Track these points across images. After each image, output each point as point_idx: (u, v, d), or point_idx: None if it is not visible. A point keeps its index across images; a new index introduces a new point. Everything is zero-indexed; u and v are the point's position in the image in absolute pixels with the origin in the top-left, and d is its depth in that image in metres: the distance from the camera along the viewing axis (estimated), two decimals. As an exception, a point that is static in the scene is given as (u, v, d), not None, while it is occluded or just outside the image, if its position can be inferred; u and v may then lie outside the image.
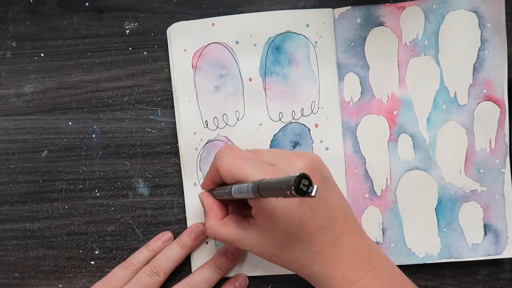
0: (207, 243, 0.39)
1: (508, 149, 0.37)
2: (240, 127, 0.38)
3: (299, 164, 0.30)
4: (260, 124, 0.38)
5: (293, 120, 0.38)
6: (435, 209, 0.38)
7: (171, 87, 0.38)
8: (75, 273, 0.39)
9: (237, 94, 0.38)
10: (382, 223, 0.39)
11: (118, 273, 0.37)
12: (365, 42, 0.38)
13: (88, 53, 0.38)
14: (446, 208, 0.38)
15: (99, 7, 0.37)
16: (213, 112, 0.38)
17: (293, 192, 0.22)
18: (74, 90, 0.38)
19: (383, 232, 0.39)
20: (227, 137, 0.38)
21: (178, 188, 0.39)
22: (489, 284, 0.39)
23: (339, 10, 0.38)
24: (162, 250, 0.37)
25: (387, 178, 0.39)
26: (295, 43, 0.38)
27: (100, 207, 0.39)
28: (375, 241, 0.39)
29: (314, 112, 0.38)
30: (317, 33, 0.38)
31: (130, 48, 0.38)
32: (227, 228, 0.33)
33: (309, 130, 0.38)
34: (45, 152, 0.38)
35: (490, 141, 0.38)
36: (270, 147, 0.38)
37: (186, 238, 0.37)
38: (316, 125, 0.38)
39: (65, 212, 0.39)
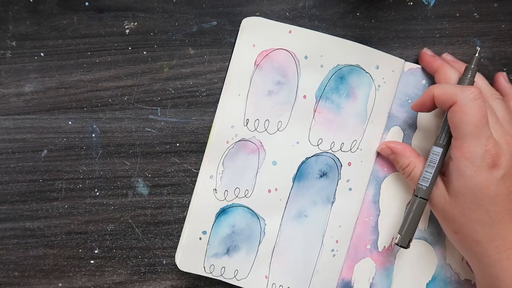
0: (200, 239, 0.38)
1: None
2: (277, 137, 0.38)
3: None
4: (297, 142, 0.38)
5: (330, 151, 0.38)
6: (427, 284, 0.39)
7: (170, 87, 0.38)
8: (75, 272, 0.39)
9: (287, 105, 0.37)
10: (373, 278, 0.39)
11: None
12: None
13: (88, 52, 0.38)
14: (437, 287, 0.38)
15: (99, 6, 0.37)
16: (257, 114, 0.37)
17: None
18: (74, 90, 0.38)
19: (370, 287, 0.39)
20: (261, 142, 0.38)
21: (177, 188, 0.39)
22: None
23: (409, 65, 0.38)
24: None
25: (393, 238, 0.39)
26: (360, 79, 0.37)
27: (100, 207, 0.39)
28: None
29: (352, 150, 0.38)
30: (383, 78, 0.38)
31: (129, 48, 0.38)
32: (421, 169, 0.34)
33: (341, 166, 0.38)
34: (45, 151, 0.38)
35: None
36: (298, 168, 0.38)
37: None
38: (349, 164, 0.38)
39: (64, 212, 0.39)
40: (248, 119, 0.37)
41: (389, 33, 0.39)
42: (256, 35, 0.36)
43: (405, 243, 0.35)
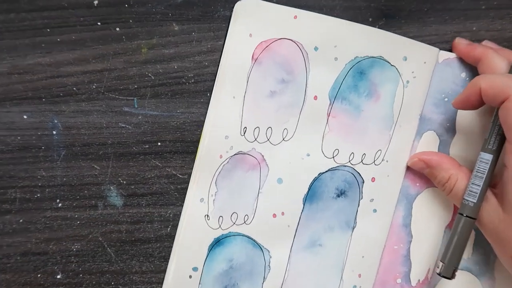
0: (190, 277, 0.35)
1: None
2: (283, 149, 0.35)
3: None
4: (308, 155, 0.35)
5: (349, 164, 0.35)
6: None
7: (150, 72, 0.34)
8: (33, 302, 0.36)
9: (294, 109, 0.34)
10: None
11: None
12: None
13: (47, 29, 0.34)
14: None
15: (61, -28, 0.34)
16: (257, 120, 0.34)
17: None
18: (30, 76, 0.34)
19: None
20: (262, 156, 0.34)
21: (159, 197, 0.36)
22: None
23: (445, 54, 0.35)
24: None
25: (429, 269, 0.37)
26: (384, 74, 0.35)
27: (63, 221, 0.35)
28: None
29: (376, 163, 0.35)
30: (413, 72, 0.35)
31: (99, 23, 0.34)
32: (465, 182, 0.33)
33: (363, 182, 0.36)
34: (-5, 152, 0.35)
35: None
36: (309, 187, 0.35)
37: None
38: (373, 179, 0.36)
39: (19, 227, 0.35)
40: (245, 127, 0.34)
41: (423, 4, 0.35)
42: (254, 22, 0.33)
43: (449, 273, 0.32)
